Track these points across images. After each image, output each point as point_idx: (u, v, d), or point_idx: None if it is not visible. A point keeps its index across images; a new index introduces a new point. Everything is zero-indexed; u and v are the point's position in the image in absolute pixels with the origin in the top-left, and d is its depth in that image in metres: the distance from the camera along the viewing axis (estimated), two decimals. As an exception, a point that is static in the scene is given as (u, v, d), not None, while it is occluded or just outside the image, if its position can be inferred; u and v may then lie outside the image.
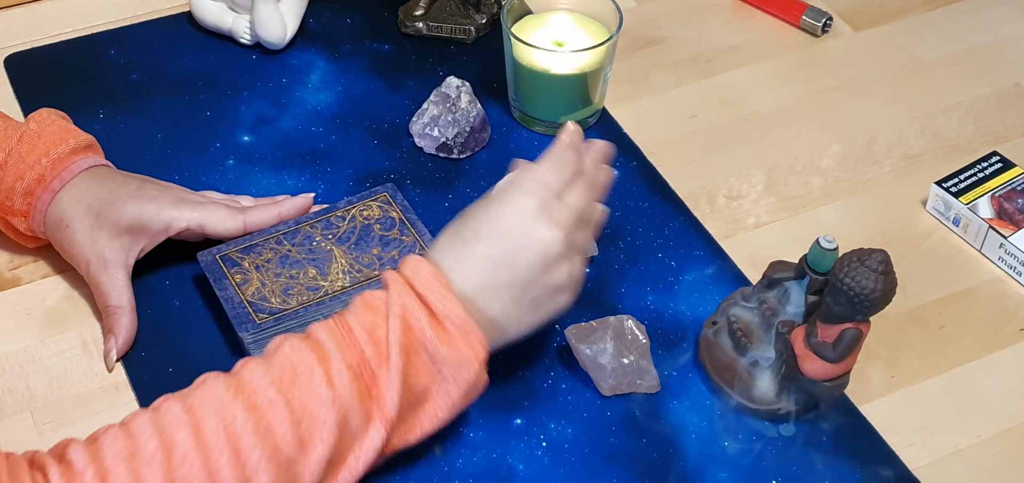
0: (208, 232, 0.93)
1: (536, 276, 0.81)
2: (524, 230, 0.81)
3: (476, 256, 0.81)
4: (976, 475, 0.86)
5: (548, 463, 0.85)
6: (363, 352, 0.76)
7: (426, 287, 0.78)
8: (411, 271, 0.79)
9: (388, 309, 0.77)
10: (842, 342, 0.83)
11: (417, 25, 1.17)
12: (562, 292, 0.83)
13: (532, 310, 0.83)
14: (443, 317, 0.78)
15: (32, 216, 0.91)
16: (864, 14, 1.25)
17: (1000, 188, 1.02)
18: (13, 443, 0.80)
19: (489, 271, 0.80)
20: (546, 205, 0.82)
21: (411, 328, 0.77)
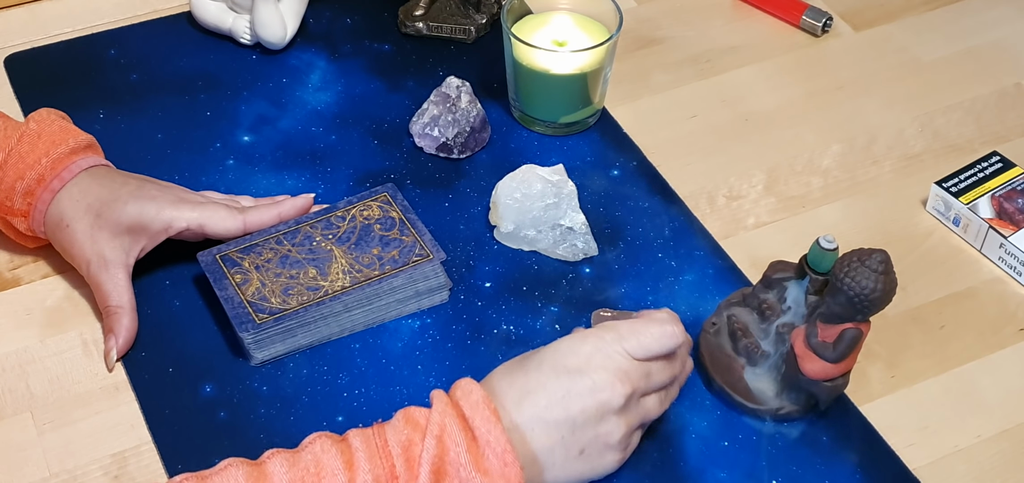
0: (208, 232, 0.93)
1: (589, 423, 0.77)
2: (590, 374, 0.77)
3: (532, 385, 0.77)
4: (976, 475, 0.86)
5: (548, 463, 0.85)
6: (394, 467, 0.72)
7: (473, 409, 0.74)
8: (461, 392, 0.76)
9: (427, 426, 0.74)
10: (842, 342, 0.83)
11: (417, 25, 1.17)
12: (612, 451, 0.79)
13: (577, 459, 0.78)
14: (485, 444, 0.74)
15: (32, 216, 0.91)
16: (864, 14, 1.25)
17: (1000, 188, 1.02)
18: (13, 443, 0.81)
19: (543, 404, 0.77)
20: (623, 365, 0.78)
21: (446, 450, 0.73)
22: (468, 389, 0.76)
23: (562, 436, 0.77)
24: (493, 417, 0.74)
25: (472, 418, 0.74)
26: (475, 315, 0.94)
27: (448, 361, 0.90)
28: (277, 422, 0.86)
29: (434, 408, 0.75)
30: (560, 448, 0.77)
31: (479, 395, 0.75)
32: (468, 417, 0.75)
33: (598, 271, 0.97)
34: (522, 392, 0.77)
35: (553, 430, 0.77)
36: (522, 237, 0.98)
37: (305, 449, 0.73)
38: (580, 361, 0.78)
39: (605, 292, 0.96)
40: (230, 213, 0.93)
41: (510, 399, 0.77)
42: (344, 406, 0.87)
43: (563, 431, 0.77)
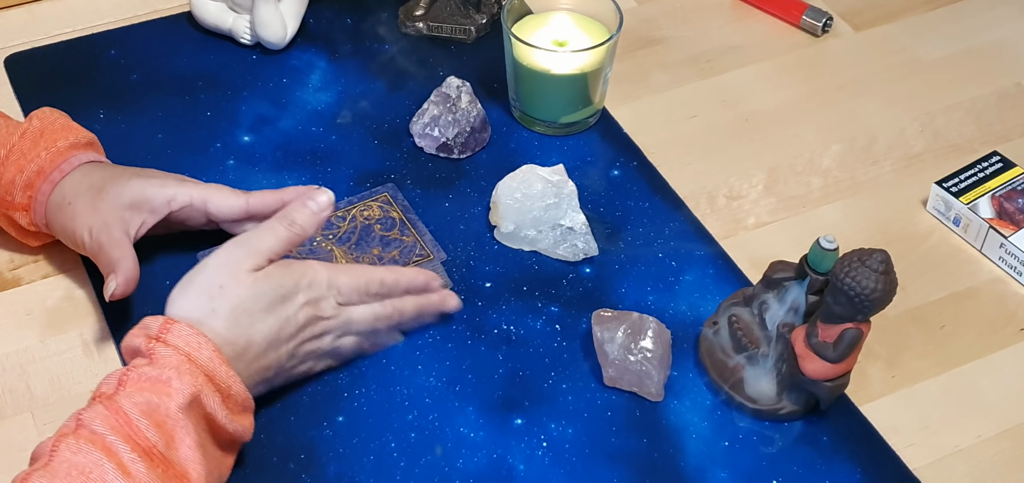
0: (210, 210, 0.92)
1: (292, 355, 0.84)
2: (289, 311, 0.82)
3: (254, 329, 0.81)
4: (976, 475, 0.86)
5: (548, 463, 0.85)
6: (147, 437, 0.72)
7: (211, 364, 0.77)
8: (190, 346, 0.77)
9: (176, 390, 0.74)
10: (842, 342, 0.83)
11: (417, 25, 1.17)
12: (317, 364, 0.87)
13: (276, 383, 0.85)
14: (228, 391, 0.77)
15: (33, 209, 0.91)
16: (864, 14, 1.25)
17: (1000, 188, 1.02)
18: (13, 443, 0.81)
19: (260, 346, 0.81)
20: (319, 299, 0.85)
21: (202, 405, 0.75)
22: (198, 343, 0.77)
23: (276, 369, 0.83)
24: (229, 367, 0.78)
25: (214, 373, 0.77)
26: (475, 315, 0.94)
27: (448, 361, 0.91)
28: (277, 422, 0.86)
29: (175, 369, 0.75)
30: (273, 370, 0.83)
31: (211, 348, 0.77)
32: (211, 373, 0.77)
33: (598, 271, 0.97)
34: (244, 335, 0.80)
35: (270, 359, 0.82)
36: (522, 237, 0.98)
37: (53, 458, 0.71)
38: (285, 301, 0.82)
39: (605, 292, 0.96)
40: (233, 192, 0.92)
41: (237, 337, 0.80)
42: (344, 406, 0.87)
43: (275, 365, 0.83)
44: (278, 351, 0.82)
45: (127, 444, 0.71)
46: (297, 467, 0.84)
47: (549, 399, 0.88)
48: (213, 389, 0.76)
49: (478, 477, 0.84)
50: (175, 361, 0.75)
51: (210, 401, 0.76)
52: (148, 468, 0.71)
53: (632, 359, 0.88)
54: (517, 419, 0.87)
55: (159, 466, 0.72)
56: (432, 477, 0.84)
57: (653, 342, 0.88)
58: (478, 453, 0.85)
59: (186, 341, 0.77)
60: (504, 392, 0.89)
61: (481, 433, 0.86)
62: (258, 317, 0.81)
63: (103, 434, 0.71)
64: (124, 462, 0.70)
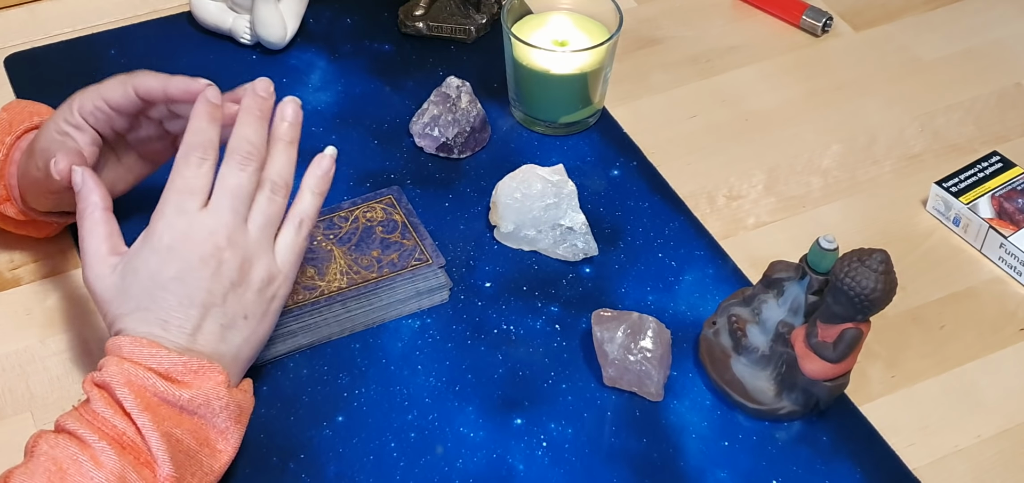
0: (105, 97, 0.88)
1: (220, 294, 0.80)
2: (182, 263, 0.79)
3: (156, 314, 0.79)
4: (976, 475, 0.86)
5: (548, 463, 0.85)
6: (115, 426, 0.74)
7: (132, 352, 0.77)
8: (114, 348, 0.78)
9: (110, 383, 0.75)
10: (842, 342, 0.83)
11: (417, 25, 1.17)
12: (265, 287, 0.82)
13: (247, 322, 0.81)
14: (164, 370, 0.77)
15: (12, 197, 0.91)
16: (864, 14, 1.25)
17: (1000, 188, 1.02)
18: (13, 443, 0.80)
19: (176, 319, 0.79)
20: (188, 225, 0.80)
21: (142, 388, 0.75)
22: (117, 343, 0.78)
23: (219, 324, 0.80)
24: (154, 347, 0.77)
25: (139, 358, 0.76)
26: (475, 315, 0.94)
27: (448, 361, 0.91)
28: (277, 422, 0.86)
29: (107, 367, 0.76)
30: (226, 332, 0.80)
31: (128, 340, 0.77)
32: (136, 359, 0.76)
33: (598, 271, 0.97)
34: (154, 323, 0.78)
35: (208, 325, 0.79)
36: (522, 237, 0.98)
37: (33, 456, 0.73)
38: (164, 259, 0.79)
39: (605, 292, 0.96)
40: (123, 78, 0.89)
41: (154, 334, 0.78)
42: (344, 406, 0.87)
43: (217, 320, 0.79)
44: (198, 302, 0.79)
45: (97, 435, 0.73)
46: (297, 467, 0.84)
47: (549, 399, 0.88)
48: (144, 370, 0.76)
49: (478, 477, 0.84)
50: (107, 363, 0.77)
51: (146, 381, 0.76)
52: (118, 455, 0.73)
53: (632, 359, 0.88)
54: (517, 419, 0.87)
55: (130, 452, 0.74)
56: (432, 477, 0.84)
57: (653, 342, 0.88)
58: (478, 453, 0.85)
59: (110, 345, 0.79)
60: (504, 392, 0.89)
61: (481, 433, 0.86)
62: (152, 303, 0.79)
63: (76, 429, 0.74)
64: (96, 453, 0.73)
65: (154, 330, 0.79)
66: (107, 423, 0.74)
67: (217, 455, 0.78)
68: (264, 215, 0.82)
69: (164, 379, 0.76)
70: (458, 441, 0.86)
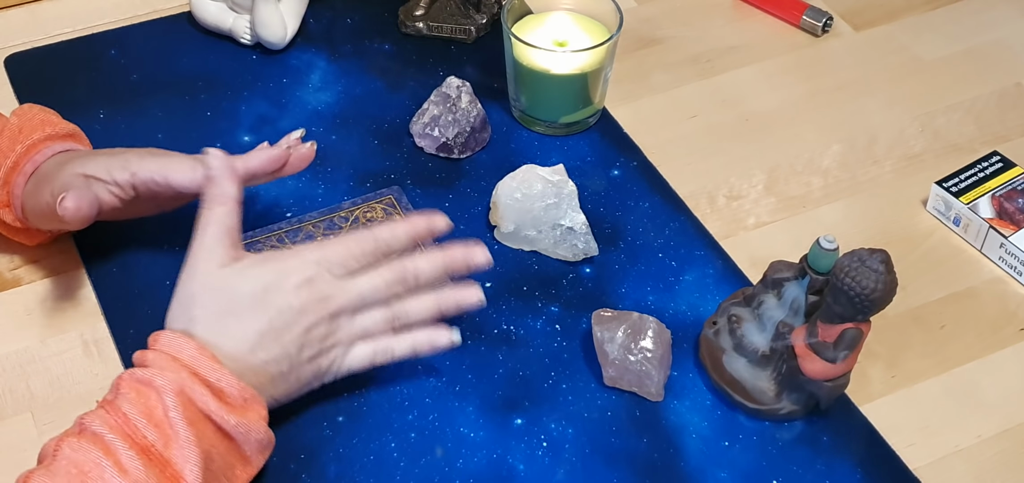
0: (171, 181, 0.88)
1: (298, 351, 0.81)
2: (289, 305, 0.80)
3: (240, 327, 0.79)
4: (976, 475, 0.86)
5: (548, 463, 0.85)
6: (144, 436, 0.73)
7: (194, 361, 0.76)
8: (173, 348, 0.77)
9: (162, 387, 0.74)
10: (842, 342, 0.83)
11: (417, 25, 1.17)
12: (325, 371, 0.83)
13: (296, 382, 0.82)
14: (220, 388, 0.76)
15: (12, 204, 0.91)
16: (864, 14, 1.25)
17: (1000, 188, 1.02)
18: (13, 444, 0.81)
19: (252, 342, 0.79)
20: (316, 282, 0.81)
21: (192, 402, 0.75)
22: (178, 343, 0.77)
23: (280, 370, 0.80)
24: (215, 362, 0.77)
25: (198, 368, 0.76)
26: (475, 315, 0.93)
27: (448, 361, 0.90)
28: (277, 422, 0.86)
29: (159, 368, 0.76)
30: (281, 377, 0.81)
31: (194, 346, 0.77)
32: (195, 369, 0.76)
33: (598, 271, 0.97)
34: (226, 336, 0.79)
35: (272, 365, 0.80)
36: (522, 237, 0.98)
37: (55, 458, 0.72)
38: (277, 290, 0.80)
39: (605, 292, 0.96)
40: (193, 163, 0.89)
41: (222, 348, 0.78)
42: (344, 406, 0.87)
43: (281, 363, 0.80)
44: (281, 343, 0.80)
45: (125, 442, 0.72)
46: (297, 467, 0.84)
47: (549, 399, 0.88)
48: (200, 384, 0.75)
49: (478, 477, 0.84)
50: (160, 361, 0.76)
51: (198, 396, 0.75)
52: (145, 465, 0.71)
53: (632, 359, 0.88)
54: (517, 419, 0.87)
55: (157, 465, 0.72)
56: (432, 477, 0.84)
57: (653, 342, 0.88)
58: (478, 453, 0.85)
59: (169, 343, 0.77)
60: (504, 392, 0.89)
61: (481, 433, 0.86)
62: (243, 314, 0.80)
63: (102, 433, 0.72)
64: (122, 460, 0.71)
65: (224, 339, 0.78)
66: (136, 431, 0.73)
67: (235, 480, 0.78)
68: (371, 322, 0.84)
69: (217, 398, 0.76)
70: (458, 441, 0.86)
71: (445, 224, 0.87)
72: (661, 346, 0.88)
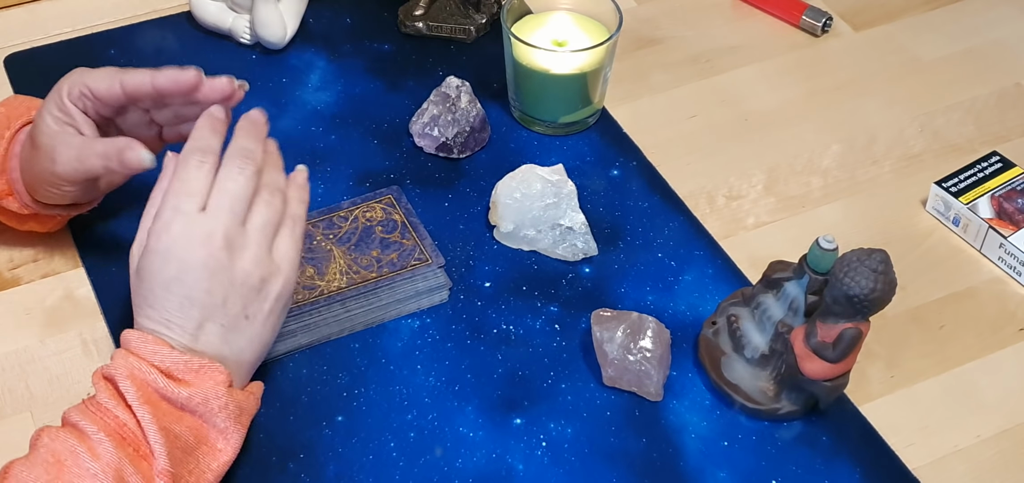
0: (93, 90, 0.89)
1: (219, 295, 0.79)
2: (180, 264, 0.79)
3: (160, 313, 0.79)
4: (976, 475, 0.86)
5: (548, 463, 0.85)
6: (117, 417, 0.74)
7: (138, 347, 0.77)
8: (124, 341, 0.78)
9: (115, 375, 0.76)
10: (842, 342, 0.83)
11: (417, 25, 1.17)
12: (264, 286, 0.81)
13: (249, 323, 0.81)
14: (165, 367, 0.77)
15: (16, 192, 0.91)
16: (864, 14, 1.25)
17: (1000, 188, 1.02)
18: (13, 443, 0.80)
19: (178, 319, 0.79)
20: (186, 226, 0.79)
21: (144, 383, 0.76)
22: (127, 336, 0.78)
23: (221, 325, 0.79)
24: (158, 343, 0.77)
25: (143, 353, 0.77)
26: (475, 315, 0.94)
27: (448, 361, 0.91)
28: (276, 422, 0.86)
29: (115, 361, 0.77)
30: (227, 333, 0.80)
31: (136, 334, 0.78)
32: (139, 353, 0.77)
33: (598, 271, 0.97)
34: (164, 317, 0.79)
35: (209, 327, 0.79)
36: (522, 237, 0.98)
37: (36, 447, 0.74)
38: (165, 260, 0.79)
39: (605, 292, 0.96)
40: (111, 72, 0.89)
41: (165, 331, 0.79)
42: (344, 406, 0.87)
43: (217, 321, 0.79)
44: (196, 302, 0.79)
45: (97, 427, 0.74)
46: (297, 467, 0.84)
47: (548, 399, 0.88)
48: (146, 365, 0.76)
49: (477, 477, 0.84)
50: (116, 355, 0.78)
51: (149, 376, 0.76)
52: (116, 446, 0.73)
53: (631, 359, 0.88)
54: (516, 419, 0.87)
55: (130, 446, 0.74)
56: (431, 477, 0.84)
57: (652, 342, 0.88)
58: (477, 453, 0.85)
59: (122, 338, 0.79)
60: (503, 392, 0.89)
61: (480, 433, 0.86)
62: (156, 299, 0.79)
63: (78, 422, 0.75)
64: (93, 444, 0.73)
65: (160, 329, 0.79)
66: (110, 415, 0.75)
67: (216, 454, 0.78)
68: (262, 217, 0.82)
69: (165, 376, 0.77)
70: (458, 441, 0.86)
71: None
72: (660, 346, 0.88)
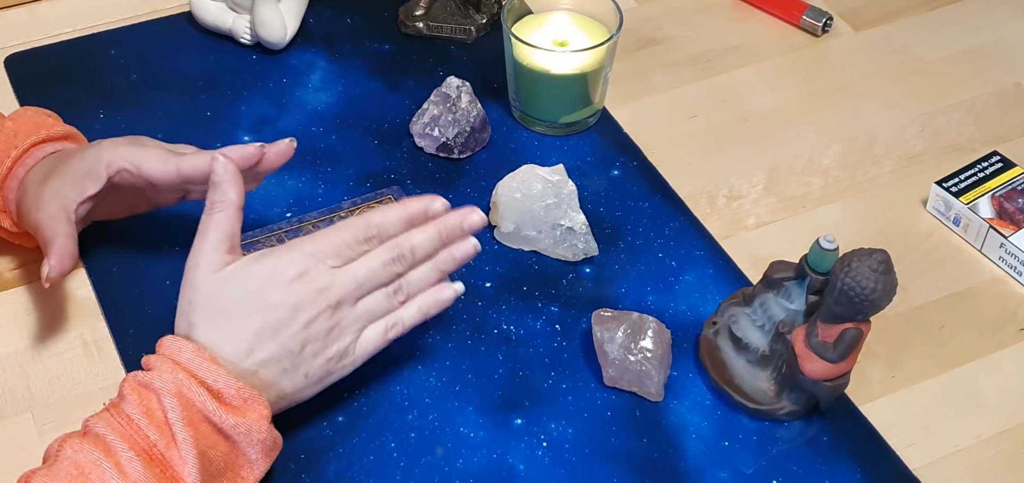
0: (144, 172, 0.88)
1: (300, 346, 0.80)
2: (285, 300, 0.79)
3: (235, 328, 0.79)
4: (976, 475, 0.86)
5: (548, 463, 0.85)
6: (147, 436, 0.73)
7: (191, 363, 0.76)
8: (172, 351, 0.77)
9: (160, 389, 0.74)
10: (842, 342, 0.83)
11: (417, 25, 1.17)
12: (336, 362, 0.82)
13: (305, 379, 0.81)
14: (218, 389, 0.76)
15: (8, 210, 0.91)
16: (864, 14, 1.25)
17: (1000, 188, 1.02)
18: (13, 444, 0.81)
19: (250, 342, 0.79)
20: (310, 274, 0.80)
21: (190, 403, 0.75)
22: (177, 346, 0.77)
23: (284, 367, 0.80)
24: (213, 364, 0.77)
25: (196, 370, 0.76)
26: (475, 315, 0.94)
27: (448, 361, 0.91)
28: (277, 422, 0.86)
29: (159, 371, 0.76)
30: (290, 373, 0.80)
31: (191, 348, 0.77)
32: (190, 369, 0.76)
33: (598, 271, 0.97)
34: (226, 338, 0.79)
35: (272, 363, 0.79)
36: (522, 237, 0.98)
37: (57, 459, 0.72)
38: (272, 287, 0.80)
39: (605, 292, 0.96)
40: (167, 154, 0.89)
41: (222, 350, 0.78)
42: (344, 406, 0.87)
43: (284, 362, 0.80)
44: (279, 340, 0.79)
45: (125, 443, 0.72)
46: (297, 467, 0.84)
47: (549, 399, 0.88)
48: (197, 384, 0.75)
49: (478, 477, 0.84)
50: (160, 364, 0.77)
51: (196, 397, 0.75)
52: (144, 466, 0.71)
53: (632, 359, 0.88)
54: (517, 419, 0.87)
55: (157, 465, 0.72)
56: (432, 477, 0.84)
57: (653, 342, 0.88)
58: (478, 453, 0.85)
59: (169, 347, 0.78)
60: (504, 392, 0.89)
61: (481, 433, 0.86)
62: (238, 315, 0.79)
63: (104, 435, 0.73)
64: (121, 461, 0.71)
65: (221, 341, 0.78)
66: (140, 433, 0.73)
67: (239, 481, 0.78)
68: (375, 304, 0.83)
69: (215, 399, 0.76)
70: (458, 441, 0.86)
71: (442, 206, 0.86)
72: (661, 346, 0.88)
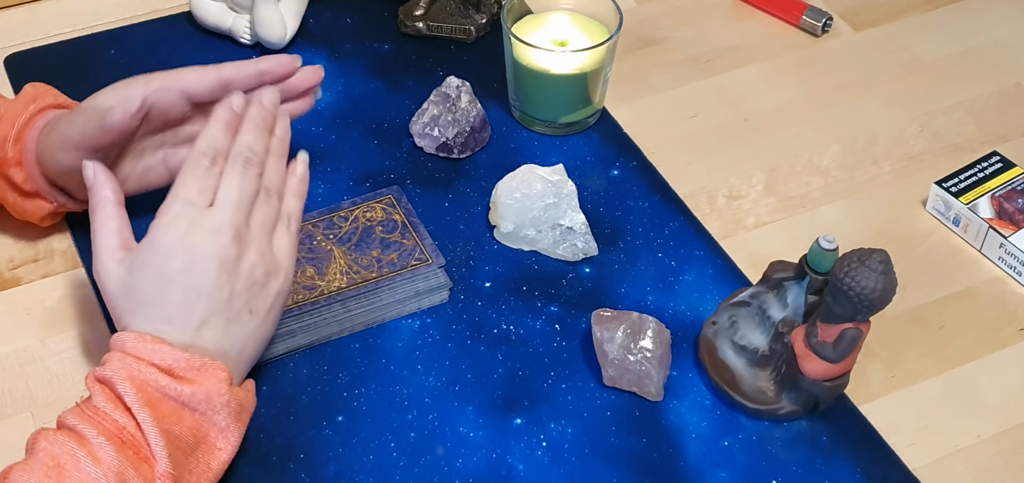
0: (184, 88, 0.90)
1: (227, 289, 0.80)
2: (188, 257, 0.79)
3: (162, 311, 0.79)
4: (976, 475, 0.86)
5: (548, 463, 0.85)
6: (115, 421, 0.74)
7: (136, 348, 0.77)
8: (119, 343, 0.78)
9: (112, 378, 0.76)
10: (842, 342, 0.83)
11: (417, 25, 1.17)
12: (267, 282, 0.82)
13: (252, 318, 0.81)
14: (167, 366, 0.77)
15: (24, 161, 0.91)
16: (864, 14, 1.25)
17: (1000, 188, 1.02)
18: (13, 443, 0.80)
19: (181, 315, 0.79)
20: (194, 221, 0.80)
21: (144, 383, 0.76)
22: (122, 339, 0.78)
23: (223, 321, 0.80)
24: (158, 343, 0.77)
25: (142, 353, 0.77)
26: (475, 315, 0.94)
27: (448, 361, 0.91)
28: (277, 422, 0.86)
29: (110, 362, 0.77)
30: (231, 329, 0.80)
31: (132, 336, 0.78)
32: (139, 354, 0.77)
33: (598, 271, 0.97)
34: (165, 316, 0.79)
35: (213, 322, 0.79)
36: (522, 237, 0.98)
37: (34, 451, 0.74)
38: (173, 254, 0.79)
39: (605, 292, 0.96)
40: (203, 69, 0.91)
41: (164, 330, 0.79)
42: (344, 406, 0.87)
43: (220, 318, 0.80)
44: (204, 298, 0.79)
45: (96, 430, 0.74)
46: (297, 467, 0.84)
47: (549, 399, 0.88)
48: (146, 365, 0.76)
49: (478, 477, 0.84)
50: (111, 358, 0.78)
51: (149, 377, 0.76)
52: (117, 450, 0.73)
53: (632, 359, 0.88)
54: (517, 419, 0.87)
55: (130, 448, 0.74)
56: (432, 477, 0.84)
57: (653, 342, 0.88)
58: (478, 453, 0.85)
59: (115, 340, 0.79)
60: (504, 392, 0.89)
61: (481, 433, 0.86)
62: (158, 299, 0.79)
63: (75, 425, 0.74)
64: (94, 448, 0.73)
65: (158, 326, 0.79)
66: (108, 418, 0.74)
67: (216, 453, 0.78)
68: (263, 214, 0.83)
69: (166, 375, 0.77)
70: (458, 441, 0.86)
71: (240, 99, 0.87)
72: (661, 346, 0.88)
